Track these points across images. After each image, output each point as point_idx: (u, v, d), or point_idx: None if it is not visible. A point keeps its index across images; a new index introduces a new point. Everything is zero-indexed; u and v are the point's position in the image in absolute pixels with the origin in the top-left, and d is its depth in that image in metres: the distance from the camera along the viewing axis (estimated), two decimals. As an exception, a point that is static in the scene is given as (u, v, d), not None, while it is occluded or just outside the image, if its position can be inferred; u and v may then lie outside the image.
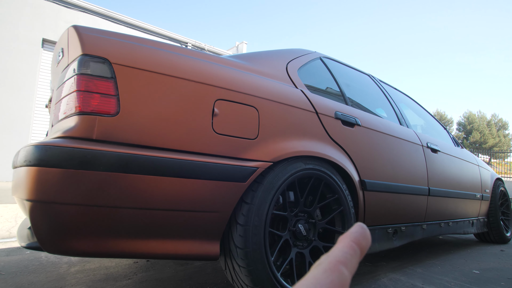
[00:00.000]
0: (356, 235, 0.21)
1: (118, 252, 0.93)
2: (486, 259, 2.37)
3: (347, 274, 0.19)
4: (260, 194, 1.13)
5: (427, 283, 1.65)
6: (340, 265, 0.19)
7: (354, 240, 0.21)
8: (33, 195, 0.82)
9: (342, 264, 0.19)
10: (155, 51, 1.05)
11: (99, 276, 1.56)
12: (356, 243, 0.21)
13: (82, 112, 0.89)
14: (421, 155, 2.04)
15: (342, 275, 0.18)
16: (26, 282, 1.44)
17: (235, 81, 1.18)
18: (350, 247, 0.20)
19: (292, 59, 1.61)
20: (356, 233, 0.21)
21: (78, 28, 0.99)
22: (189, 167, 0.98)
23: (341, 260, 0.19)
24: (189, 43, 10.01)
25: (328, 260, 0.19)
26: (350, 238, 0.21)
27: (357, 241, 0.21)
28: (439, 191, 2.15)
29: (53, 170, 0.82)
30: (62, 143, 0.84)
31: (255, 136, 1.16)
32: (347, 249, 0.20)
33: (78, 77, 0.92)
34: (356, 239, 0.21)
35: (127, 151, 0.90)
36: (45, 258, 1.87)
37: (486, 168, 3.11)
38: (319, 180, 1.34)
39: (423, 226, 2.07)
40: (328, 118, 1.46)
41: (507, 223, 3.25)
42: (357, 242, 0.21)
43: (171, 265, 1.79)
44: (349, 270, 0.19)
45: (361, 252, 0.21)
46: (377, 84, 2.28)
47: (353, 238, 0.21)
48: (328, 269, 0.19)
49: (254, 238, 1.09)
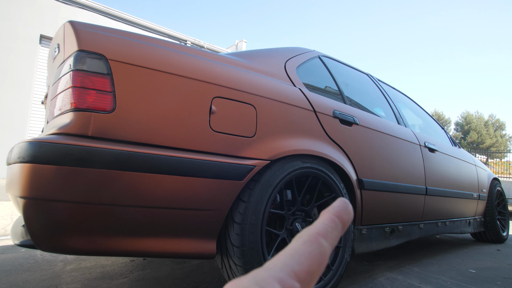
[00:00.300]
0: (338, 209, 0.21)
1: (113, 250, 0.92)
2: (482, 258, 2.38)
3: (326, 246, 0.19)
4: (257, 193, 1.12)
5: (424, 282, 1.65)
6: (320, 237, 0.19)
7: (335, 214, 0.21)
8: (27, 192, 0.81)
9: (322, 236, 0.19)
10: (153, 47, 1.04)
11: (95, 274, 1.55)
12: (338, 216, 0.21)
13: (77, 109, 0.88)
14: (418, 155, 2.04)
15: (321, 246, 0.18)
16: (21, 281, 1.43)
17: (233, 79, 1.17)
18: (331, 220, 0.20)
19: (291, 58, 1.60)
20: (338, 207, 0.21)
21: (74, 23, 0.98)
22: (186, 165, 0.98)
23: (321, 232, 0.19)
24: (188, 41, 9.97)
25: (308, 232, 0.19)
26: (331, 212, 0.21)
27: (338, 215, 0.21)
28: (436, 190, 2.15)
29: (47, 167, 0.81)
30: (57, 139, 0.83)
31: (252, 134, 1.15)
32: (328, 222, 0.20)
33: (74, 73, 0.91)
34: (338, 213, 0.21)
35: (123, 148, 0.89)
36: (40, 256, 1.86)
37: (483, 168, 3.12)
38: (316, 178, 1.34)
39: (420, 225, 2.08)
40: (326, 116, 1.46)
41: (504, 223, 3.27)
42: (338, 216, 0.21)
43: (168, 264, 1.79)
44: (329, 242, 0.19)
45: (343, 226, 0.21)
46: (376, 84, 2.28)
47: (335, 211, 0.21)
48: (307, 240, 0.19)
49: (251, 237, 1.08)
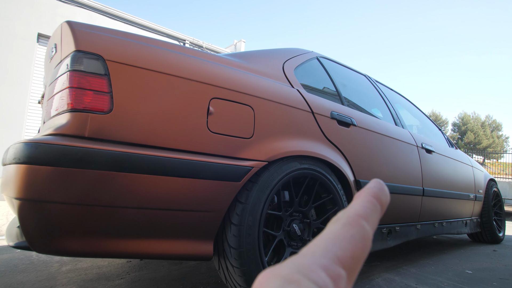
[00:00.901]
0: (375, 189, 0.19)
1: (109, 251, 0.92)
2: (479, 259, 2.39)
3: (369, 229, 0.17)
4: (255, 194, 1.12)
5: (421, 283, 1.65)
6: (360, 219, 0.17)
7: (373, 195, 0.19)
8: (22, 193, 0.80)
9: (363, 219, 0.17)
10: (150, 48, 1.03)
11: (91, 276, 1.54)
12: (376, 198, 0.19)
13: (74, 109, 0.88)
14: (415, 156, 2.05)
15: (364, 229, 0.17)
16: (16, 282, 1.42)
17: (231, 80, 1.17)
18: (370, 201, 0.18)
19: (289, 59, 1.60)
20: (374, 188, 0.19)
21: (71, 23, 0.97)
22: (183, 166, 0.97)
23: (361, 214, 0.17)
24: (187, 41, 9.95)
25: (347, 214, 0.17)
26: (369, 193, 0.19)
27: (376, 196, 0.19)
28: (433, 191, 2.16)
29: (43, 168, 0.80)
30: (53, 140, 0.82)
31: (250, 135, 1.15)
32: (367, 204, 0.18)
33: (71, 73, 0.90)
34: (376, 194, 0.19)
35: (120, 149, 0.88)
36: (36, 257, 1.85)
37: (479, 169, 3.14)
38: (314, 180, 1.34)
39: (417, 226, 2.08)
40: (324, 118, 1.46)
41: (500, 224, 3.28)
42: (376, 197, 0.19)
43: (165, 265, 1.78)
44: (371, 225, 0.17)
45: (381, 208, 0.19)
46: (373, 85, 2.29)
47: (372, 193, 0.19)
48: (347, 223, 0.17)
49: (248, 238, 1.08)
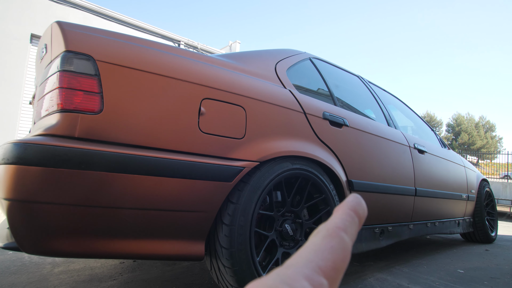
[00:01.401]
0: (353, 203, 0.20)
1: (100, 252, 0.92)
2: (471, 258, 2.42)
3: (348, 240, 0.18)
4: (246, 194, 1.13)
5: (413, 283, 1.67)
6: (340, 231, 0.18)
7: (351, 208, 0.20)
8: (11, 194, 0.80)
9: (342, 230, 0.18)
10: (142, 49, 1.03)
11: (83, 277, 1.53)
12: (353, 211, 0.20)
13: (64, 110, 0.87)
14: (408, 156, 2.07)
15: (343, 240, 0.18)
16: (7, 284, 1.41)
17: (223, 80, 1.17)
18: (348, 214, 0.19)
19: (281, 59, 1.61)
20: (352, 202, 0.20)
21: (61, 24, 0.97)
22: (174, 166, 0.97)
23: (340, 226, 0.18)
24: (182, 42, 9.93)
25: (327, 227, 0.18)
26: (347, 206, 0.20)
27: (354, 209, 0.20)
28: (425, 191, 2.18)
29: (32, 169, 0.80)
30: (43, 141, 0.82)
31: (242, 136, 1.16)
32: (346, 217, 0.19)
33: (61, 73, 0.90)
34: (354, 207, 0.20)
35: (110, 150, 0.88)
36: (28, 259, 1.83)
37: (472, 169, 3.18)
38: (306, 180, 1.35)
39: (410, 226, 2.10)
40: (316, 118, 1.47)
41: (492, 223, 3.32)
42: (354, 210, 0.20)
43: (158, 266, 1.77)
44: (350, 236, 0.18)
45: (359, 221, 0.20)
46: (366, 86, 2.30)
47: (350, 206, 0.20)
48: (327, 235, 0.18)
49: (239, 238, 1.08)
